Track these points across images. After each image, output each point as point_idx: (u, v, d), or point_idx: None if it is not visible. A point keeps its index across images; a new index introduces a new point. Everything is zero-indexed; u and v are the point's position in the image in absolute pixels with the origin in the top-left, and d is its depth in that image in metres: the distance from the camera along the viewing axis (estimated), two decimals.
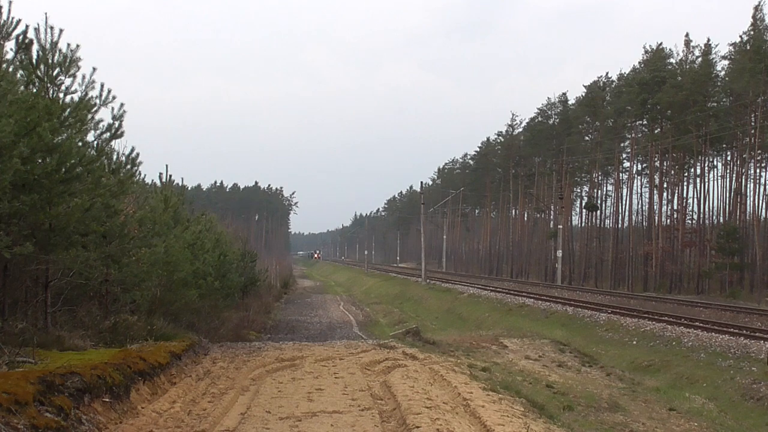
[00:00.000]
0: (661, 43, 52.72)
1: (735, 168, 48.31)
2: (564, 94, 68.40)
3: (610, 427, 9.89)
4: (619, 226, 57.96)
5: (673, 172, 51.42)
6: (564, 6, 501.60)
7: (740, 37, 43.54)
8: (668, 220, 51.58)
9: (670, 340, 17.59)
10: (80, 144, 9.70)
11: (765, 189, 46.64)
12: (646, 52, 53.13)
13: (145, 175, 18.23)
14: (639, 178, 57.66)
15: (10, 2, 9.32)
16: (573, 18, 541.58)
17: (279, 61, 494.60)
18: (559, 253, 49.08)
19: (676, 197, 51.11)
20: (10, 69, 9.07)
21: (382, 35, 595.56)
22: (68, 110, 9.54)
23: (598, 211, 62.11)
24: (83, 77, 10.21)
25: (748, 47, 41.85)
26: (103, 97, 10.38)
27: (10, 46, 9.50)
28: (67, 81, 10.20)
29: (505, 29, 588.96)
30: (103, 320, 11.42)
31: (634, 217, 57.36)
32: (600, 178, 62.93)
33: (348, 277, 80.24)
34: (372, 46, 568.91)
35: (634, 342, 18.56)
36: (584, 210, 64.66)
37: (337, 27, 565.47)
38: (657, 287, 45.81)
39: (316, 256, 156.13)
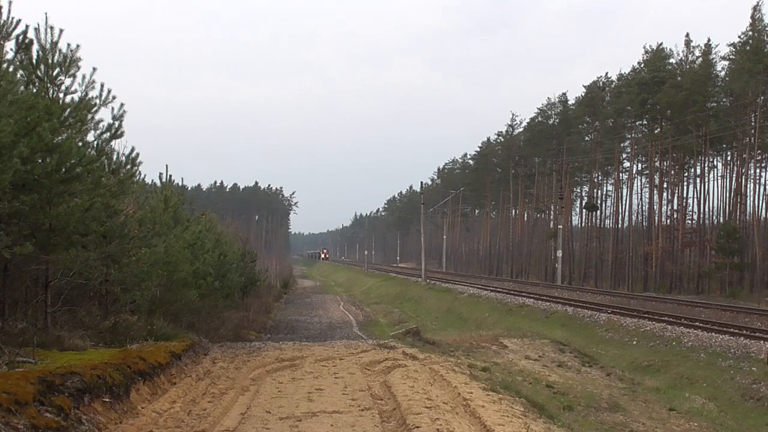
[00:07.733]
0: (661, 43, 52.76)
1: (735, 168, 48.34)
2: (564, 94, 68.55)
3: (610, 427, 9.89)
4: (619, 226, 57.98)
5: (673, 172, 51.43)
6: (578, 5, 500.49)
7: (739, 37, 43.64)
8: (668, 220, 51.60)
9: (670, 340, 17.59)
10: (80, 144, 9.71)
11: (765, 189, 46.71)
12: (646, 52, 53.12)
13: (145, 175, 18.30)
14: (639, 178, 57.78)
15: (10, 2, 9.31)
16: (586, 17, 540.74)
17: (283, 59, 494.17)
18: (559, 253, 49.09)
19: (676, 197, 51.18)
20: (10, 69, 9.06)
21: (390, 33, 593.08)
22: (68, 110, 9.55)
23: (598, 211, 62.12)
24: (83, 77, 10.23)
25: (748, 48, 41.89)
26: (103, 97, 10.40)
27: (10, 46, 9.49)
28: (67, 81, 10.23)
29: (518, 28, 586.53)
30: (103, 320, 11.43)
31: (634, 217, 57.46)
32: (600, 178, 62.95)
33: (348, 277, 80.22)
34: (380, 45, 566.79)
35: (634, 342, 18.56)
36: (584, 210, 64.66)
37: (344, 26, 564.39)
38: (657, 287, 45.80)
39: (323, 255, 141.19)
